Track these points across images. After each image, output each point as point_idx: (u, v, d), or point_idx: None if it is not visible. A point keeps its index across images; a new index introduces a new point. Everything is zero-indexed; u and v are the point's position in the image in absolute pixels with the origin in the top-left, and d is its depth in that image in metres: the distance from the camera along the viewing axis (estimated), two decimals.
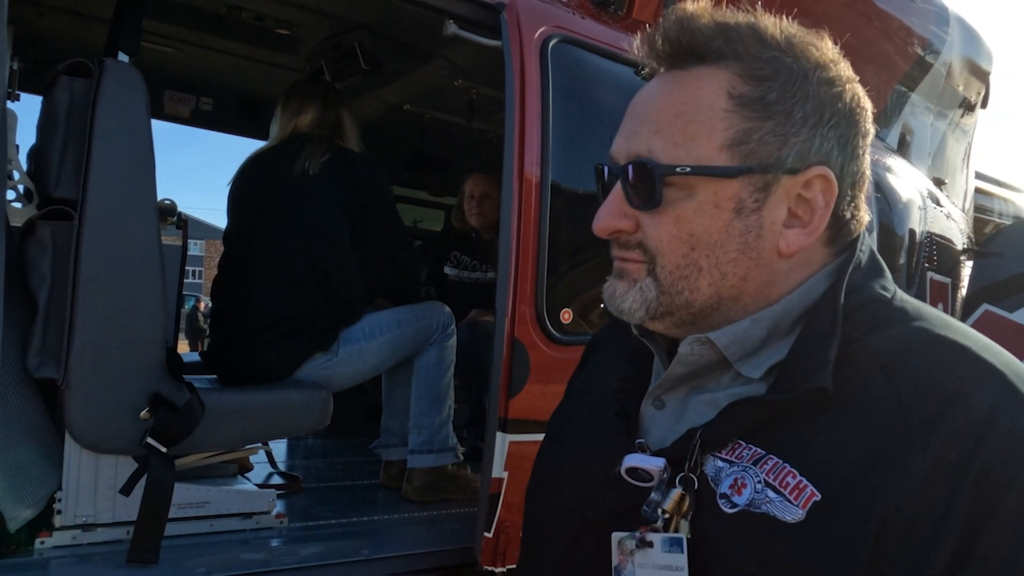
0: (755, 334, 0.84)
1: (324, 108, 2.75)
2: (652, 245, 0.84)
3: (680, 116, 0.83)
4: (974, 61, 4.80)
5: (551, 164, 2.27)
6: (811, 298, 0.85)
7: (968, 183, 5.37)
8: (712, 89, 0.82)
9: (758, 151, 0.81)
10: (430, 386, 2.77)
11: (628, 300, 0.86)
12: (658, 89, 0.86)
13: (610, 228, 0.86)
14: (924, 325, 0.81)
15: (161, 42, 3.19)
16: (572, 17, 2.60)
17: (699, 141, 0.81)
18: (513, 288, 2.20)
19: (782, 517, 0.73)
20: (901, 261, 3.76)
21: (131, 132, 2.05)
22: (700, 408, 0.87)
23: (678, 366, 0.87)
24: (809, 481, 0.73)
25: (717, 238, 0.83)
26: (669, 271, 0.84)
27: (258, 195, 2.63)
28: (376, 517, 2.56)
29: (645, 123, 0.85)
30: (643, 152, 0.83)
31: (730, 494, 0.77)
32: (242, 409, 2.29)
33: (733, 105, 0.81)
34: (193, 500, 2.18)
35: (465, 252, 3.95)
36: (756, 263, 0.84)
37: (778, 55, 0.82)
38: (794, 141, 0.81)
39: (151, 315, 2.04)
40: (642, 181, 0.83)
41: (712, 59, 0.83)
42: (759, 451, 0.78)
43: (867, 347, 0.79)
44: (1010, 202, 6.83)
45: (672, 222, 0.83)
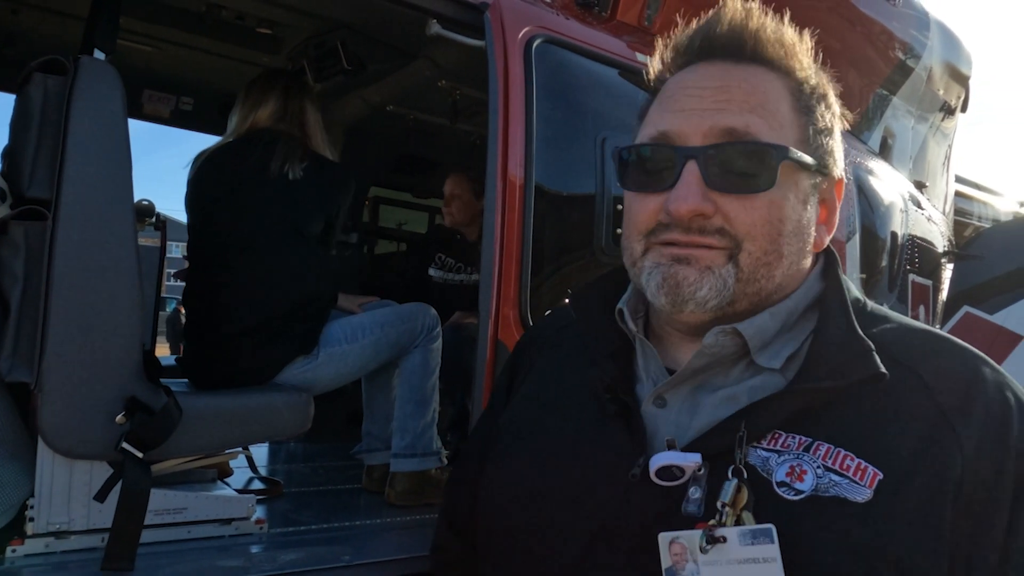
0: (772, 327, 0.88)
1: (286, 99, 2.64)
2: (741, 230, 0.84)
3: (768, 103, 0.87)
4: (954, 65, 4.85)
5: (535, 165, 2.25)
6: (812, 295, 0.91)
7: (948, 186, 5.43)
8: (778, 90, 0.89)
9: (817, 151, 0.90)
10: (414, 389, 2.74)
11: (704, 288, 0.84)
12: (725, 73, 0.89)
13: (697, 209, 0.84)
14: (902, 321, 0.91)
15: (140, 40, 3.15)
16: (556, 18, 2.59)
17: (786, 131, 0.87)
18: (497, 290, 2.18)
19: (852, 498, 0.76)
20: (883, 263, 3.78)
21: (107, 131, 2.01)
22: (717, 403, 0.87)
23: (699, 358, 0.87)
24: (868, 462, 0.78)
25: (796, 227, 0.88)
26: (756, 257, 0.85)
27: (230, 195, 2.52)
28: (358, 522, 2.52)
29: (731, 100, 0.86)
30: (739, 127, 0.84)
31: (790, 482, 0.79)
32: (220, 413, 2.25)
33: (794, 109, 0.89)
34: (170, 506, 2.13)
35: (450, 254, 3.94)
36: (803, 256, 0.91)
37: (815, 73, 0.93)
38: (830, 146, 0.92)
39: (127, 317, 2.00)
40: (749, 160, 0.84)
41: (769, 64, 0.90)
42: (805, 439, 0.81)
43: (874, 339, 0.85)
44: (989, 205, 6.92)
45: (765, 206, 0.85)
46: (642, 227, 0.89)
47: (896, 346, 0.85)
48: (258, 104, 2.63)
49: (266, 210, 2.49)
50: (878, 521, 0.76)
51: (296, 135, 2.61)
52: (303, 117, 2.65)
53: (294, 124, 2.63)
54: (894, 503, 0.76)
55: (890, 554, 0.75)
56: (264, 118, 2.62)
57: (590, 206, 2.46)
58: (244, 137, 2.63)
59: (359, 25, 2.97)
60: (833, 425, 0.81)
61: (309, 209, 2.53)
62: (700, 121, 0.85)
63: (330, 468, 3.29)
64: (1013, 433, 0.79)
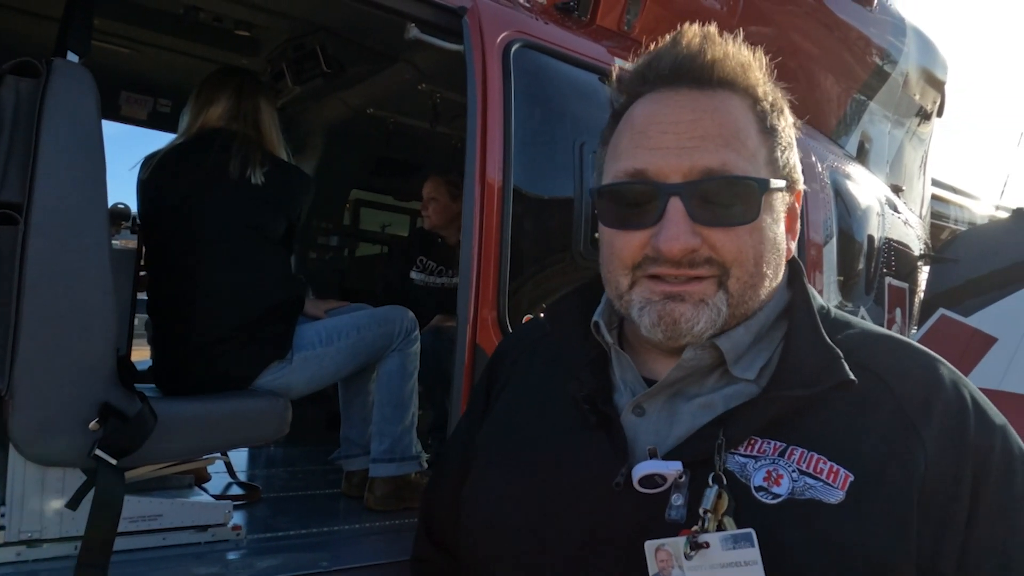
0: (746, 339, 0.91)
1: (238, 98, 2.56)
2: (728, 258, 0.88)
3: (739, 132, 0.90)
4: (930, 71, 4.92)
5: (513, 169, 2.25)
6: (781, 305, 0.95)
7: (925, 190, 5.50)
8: (743, 113, 0.92)
9: (782, 168, 0.94)
10: (393, 393, 2.72)
11: (702, 322, 0.88)
12: (692, 105, 0.90)
13: (690, 247, 0.87)
14: (865, 327, 0.95)
15: (116, 42, 3.12)
16: (535, 22, 2.60)
17: (757, 157, 0.91)
18: (475, 293, 2.18)
19: (827, 500, 0.80)
20: (860, 266, 3.82)
21: (80, 134, 1.98)
22: (695, 411, 0.90)
23: (677, 371, 0.90)
24: (840, 464, 0.81)
25: (774, 247, 0.92)
26: (744, 281, 0.89)
27: (188, 199, 2.45)
28: (336, 528, 2.51)
29: (706, 137, 0.88)
30: (715, 166, 0.87)
31: (767, 486, 0.82)
32: (196, 419, 2.23)
33: (759, 129, 0.92)
34: (145, 513, 2.11)
35: (431, 257, 3.94)
36: (780, 269, 0.95)
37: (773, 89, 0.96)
38: (793, 161, 0.96)
39: (100, 322, 1.98)
40: (730, 195, 0.87)
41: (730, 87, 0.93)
42: (779, 444, 0.84)
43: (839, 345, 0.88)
44: (966, 209, 7.01)
45: (748, 233, 0.88)
46: (628, 262, 0.91)
47: (860, 351, 0.89)
48: (209, 103, 2.56)
49: (228, 214, 2.44)
50: (851, 521, 0.79)
51: (251, 135, 2.53)
52: (257, 116, 2.57)
53: (248, 124, 2.54)
54: (865, 504, 0.80)
55: (864, 553, 0.78)
56: (215, 117, 2.54)
57: (568, 210, 2.46)
58: (196, 137, 2.55)
59: (338, 28, 2.96)
60: (806, 430, 0.84)
61: (272, 213, 2.50)
62: (678, 161, 0.87)
63: (310, 473, 3.27)
64: (970, 431, 0.84)
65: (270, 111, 2.65)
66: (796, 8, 3.85)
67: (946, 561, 0.81)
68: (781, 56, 3.72)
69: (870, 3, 4.25)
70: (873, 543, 0.78)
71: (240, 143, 2.48)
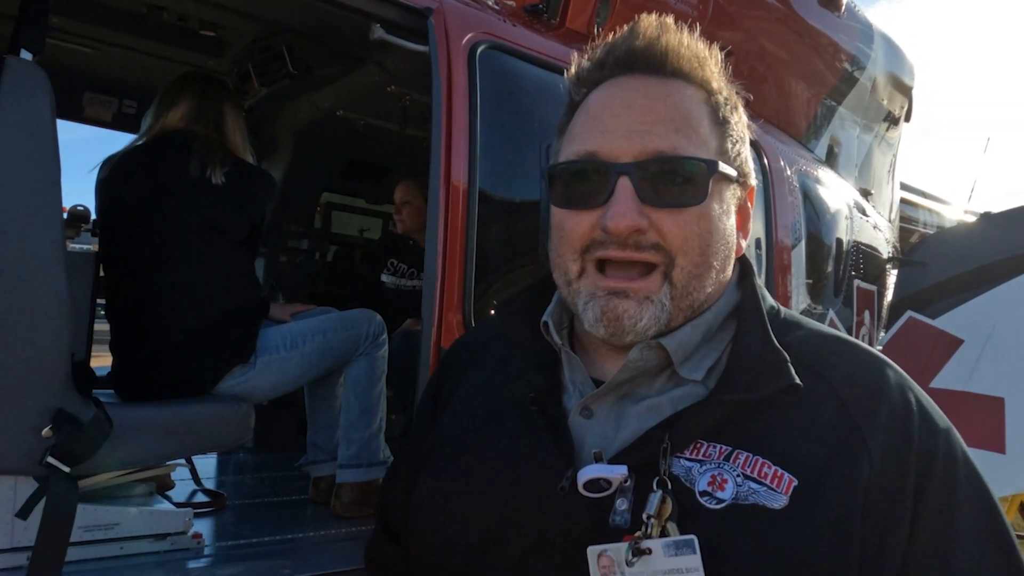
0: (694, 339, 0.90)
1: (200, 100, 2.55)
2: (674, 244, 0.86)
3: (691, 119, 0.89)
4: (897, 76, 4.99)
5: (479, 170, 2.24)
6: (731, 305, 0.93)
7: (894, 194, 5.57)
8: (696, 103, 0.91)
9: (734, 161, 0.92)
10: (360, 398, 2.69)
11: (644, 318, 0.87)
12: (647, 91, 0.90)
13: (635, 225, 0.86)
14: (814, 327, 0.94)
15: (78, 42, 3.06)
16: (502, 24, 2.58)
17: (709, 145, 0.90)
18: (440, 296, 2.16)
19: (770, 505, 0.79)
20: (829, 269, 3.86)
21: (33, 134, 1.93)
22: (642, 413, 0.88)
23: (624, 372, 0.88)
24: (784, 469, 0.80)
25: (722, 238, 0.90)
26: (688, 271, 0.87)
27: (148, 200, 2.42)
28: (301, 535, 2.47)
29: (657, 123, 0.87)
30: (666, 149, 0.86)
31: (711, 491, 0.81)
32: (154, 425, 2.18)
33: (711, 120, 0.91)
34: (101, 522, 2.06)
35: (402, 260, 3.91)
36: (728, 265, 0.93)
37: (727, 83, 0.96)
38: (743, 155, 0.95)
39: (53, 327, 1.92)
40: (679, 176, 0.86)
41: (685, 77, 0.92)
42: (725, 448, 0.83)
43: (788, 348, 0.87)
44: (934, 212, 7.12)
45: (695, 220, 0.87)
46: (576, 244, 0.90)
47: (808, 354, 0.88)
48: (171, 105, 2.55)
49: (188, 215, 2.41)
50: (794, 527, 0.78)
51: (212, 136, 2.51)
52: (220, 119, 2.57)
53: (209, 125, 2.53)
54: (809, 509, 0.78)
55: (806, 559, 0.77)
56: (176, 119, 2.52)
57: (534, 212, 2.45)
58: (156, 138, 2.53)
59: (304, 29, 2.93)
60: (752, 433, 0.83)
61: (233, 213, 2.47)
62: (629, 143, 0.86)
63: (277, 479, 3.23)
64: (914, 436, 0.82)
65: (234, 114, 2.63)
66: (765, 13, 3.88)
67: (888, 568, 0.79)
68: (751, 61, 3.76)
69: (839, 9, 4.30)
70: (815, 550, 0.77)
71: (200, 144, 2.46)
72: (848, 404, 0.83)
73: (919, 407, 0.85)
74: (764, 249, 3.26)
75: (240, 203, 2.48)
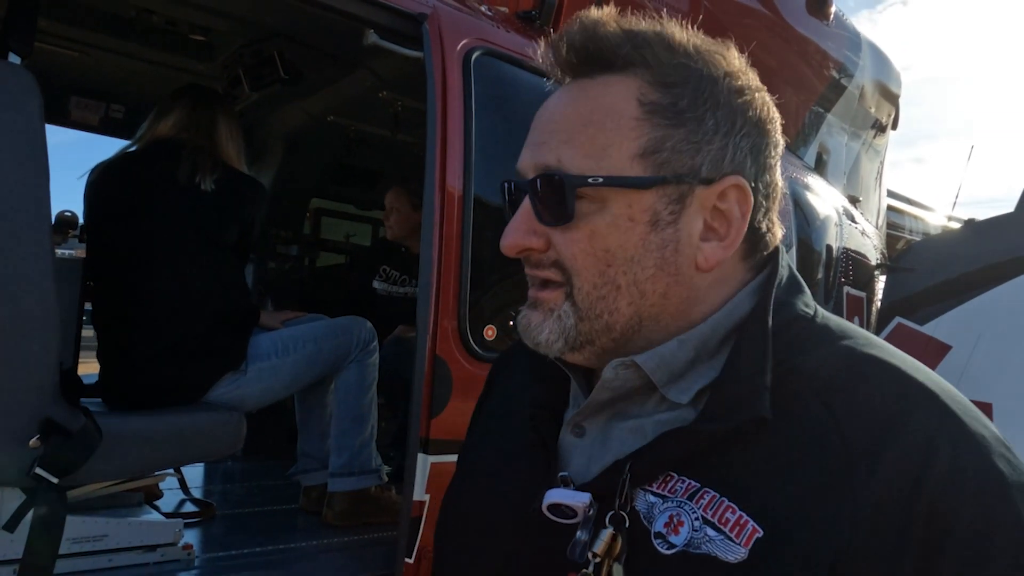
0: (682, 356, 0.79)
1: (192, 109, 2.55)
2: (568, 264, 0.78)
3: (590, 125, 0.78)
4: (884, 84, 5.04)
5: (474, 177, 2.23)
6: (737, 316, 0.81)
7: (881, 201, 5.62)
8: (622, 97, 0.78)
9: (672, 160, 0.77)
10: (351, 405, 2.67)
11: (545, 332, 0.80)
12: (565, 98, 0.81)
13: (519, 246, 0.80)
14: (850, 344, 0.77)
15: (65, 45, 3.03)
16: (496, 30, 2.58)
17: (610, 151, 0.77)
18: (435, 303, 2.14)
19: (724, 557, 0.68)
20: (819, 276, 3.88)
21: (20, 138, 1.90)
22: (624, 436, 0.80)
23: (602, 392, 0.80)
24: (750, 516, 0.68)
25: (633, 253, 0.78)
26: (587, 292, 0.78)
27: (137, 207, 2.40)
28: (293, 545, 2.44)
29: (553, 133, 0.80)
30: (552, 163, 0.78)
31: (666, 533, 0.71)
32: (144, 435, 2.15)
33: (644, 113, 0.77)
34: (90, 534, 2.03)
35: (394, 266, 3.89)
36: (675, 279, 0.79)
37: (687, 62, 0.79)
38: (707, 149, 0.78)
39: (41, 335, 1.89)
40: (552, 194, 0.77)
41: (620, 67, 0.79)
42: (694, 484, 0.73)
43: (798, 371, 0.75)
44: (920, 219, 7.19)
45: (585, 238, 0.77)
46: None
47: (825, 377, 0.74)
48: (162, 114, 2.55)
49: (177, 221, 2.39)
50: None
51: (203, 144, 2.51)
52: (213, 129, 2.56)
53: (201, 134, 2.52)
54: (767, 568, 0.67)
55: None
56: (167, 128, 2.52)
57: None
58: (147, 145, 2.53)
59: (296, 34, 2.91)
60: (726, 469, 0.72)
61: (222, 220, 2.45)
62: (531, 158, 0.81)
63: (268, 488, 3.19)
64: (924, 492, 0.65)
65: (229, 125, 2.62)
66: (755, 21, 3.91)
67: None
68: None
69: (827, 17, 4.34)
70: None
71: (190, 151, 2.45)
72: (848, 443, 0.68)
73: (952, 454, 0.66)
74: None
75: (229, 209, 2.46)
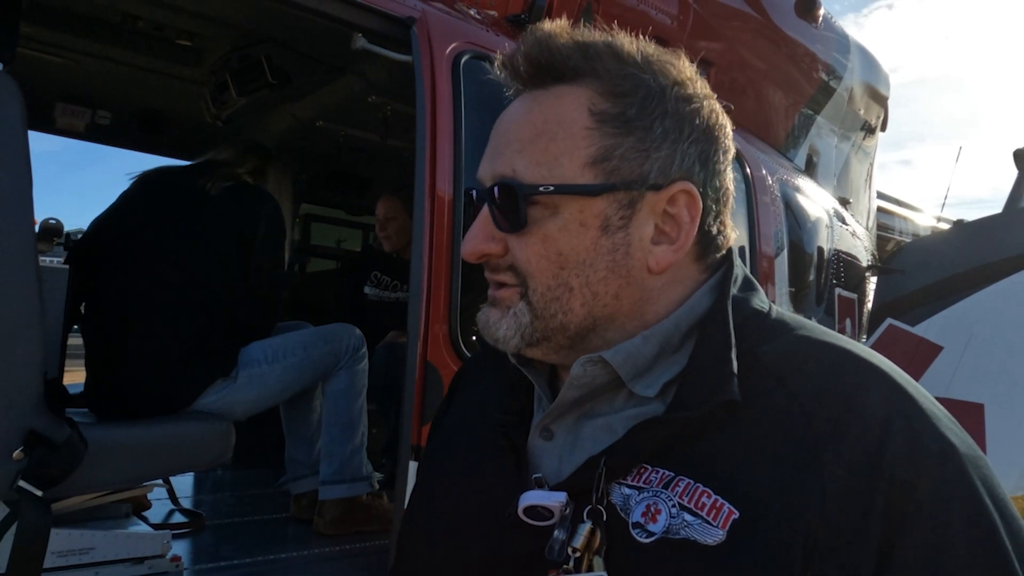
0: (647, 351, 0.82)
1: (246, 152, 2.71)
2: (522, 267, 0.82)
3: (542, 135, 0.82)
4: (873, 86, 5.06)
5: (463, 181, 2.21)
6: (698, 313, 0.84)
7: (871, 203, 5.64)
8: (573, 107, 0.82)
9: (621, 168, 0.81)
10: (341, 412, 2.64)
11: (503, 328, 0.83)
12: (519, 109, 0.85)
13: (478, 252, 0.84)
14: (805, 334, 0.83)
15: (50, 51, 2.99)
16: (486, 34, 2.57)
17: (562, 159, 0.81)
18: (426, 309, 2.12)
19: (703, 540, 0.70)
20: (811, 278, 3.88)
21: (3, 145, 1.88)
22: (595, 434, 0.83)
23: (571, 390, 0.83)
24: (725, 499, 0.71)
25: (585, 257, 0.81)
26: (541, 293, 0.82)
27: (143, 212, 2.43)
28: (283, 555, 2.41)
29: (508, 144, 0.83)
30: (507, 173, 0.82)
31: (644, 522, 0.73)
32: (132, 445, 2.11)
33: (594, 122, 0.81)
34: (75, 547, 1.99)
35: (385, 272, 3.87)
36: (627, 281, 0.83)
37: (636, 72, 0.82)
38: (656, 156, 0.81)
39: (26, 345, 1.86)
40: (507, 202, 0.81)
41: (571, 77, 0.83)
42: (668, 473, 0.75)
43: (759, 359, 0.79)
44: (910, 221, 7.22)
45: (539, 242, 0.81)
46: None
47: (782, 364, 0.78)
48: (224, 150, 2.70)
49: (177, 226, 2.38)
50: (726, 566, 0.69)
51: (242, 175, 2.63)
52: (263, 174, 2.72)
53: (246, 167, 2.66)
54: (745, 546, 0.69)
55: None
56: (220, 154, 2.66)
57: None
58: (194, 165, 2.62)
59: (284, 38, 2.89)
60: (697, 458, 0.75)
61: (221, 224, 2.43)
62: (490, 166, 0.84)
63: (258, 497, 3.16)
64: (885, 461, 0.69)
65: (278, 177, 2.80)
66: (744, 24, 3.92)
67: None
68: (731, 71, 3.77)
69: (815, 20, 4.35)
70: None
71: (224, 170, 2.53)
72: (812, 423, 0.72)
73: (907, 427, 0.71)
74: (747, 258, 3.27)
75: (229, 214, 2.44)
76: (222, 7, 2.69)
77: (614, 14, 3.00)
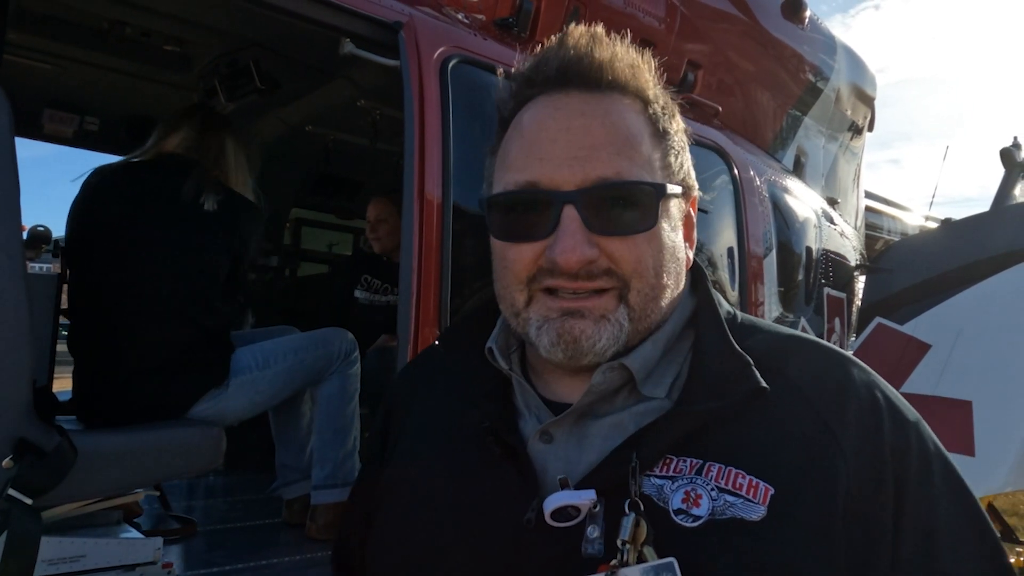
0: (655, 354, 0.86)
1: (202, 130, 2.53)
2: (627, 269, 0.82)
3: (631, 138, 0.86)
4: (860, 87, 5.09)
5: (452, 185, 2.22)
6: (687, 313, 0.91)
7: (859, 202, 5.67)
8: (635, 115, 0.88)
9: (675, 173, 0.90)
10: (333, 417, 2.64)
11: (603, 338, 0.82)
12: (587, 110, 0.85)
13: (586, 258, 0.81)
14: (775, 330, 0.93)
15: (37, 57, 2.99)
16: (473, 38, 2.58)
17: (652, 163, 0.87)
18: (416, 311, 2.12)
19: (748, 517, 0.75)
20: (800, 277, 3.90)
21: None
22: (605, 432, 0.84)
23: (588, 396, 0.84)
24: (759, 478, 0.76)
25: (671, 255, 0.88)
26: (644, 293, 0.84)
27: (128, 218, 2.36)
28: (276, 560, 2.41)
29: (598, 145, 0.83)
30: (610, 175, 0.82)
31: (686, 508, 0.77)
32: (122, 452, 2.10)
33: (652, 130, 0.88)
34: (66, 554, 1.98)
35: (376, 275, 3.87)
36: (681, 279, 0.91)
37: (656, 84, 0.92)
38: (686, 166, 0.92)
39: (13, 352, 1.85)
40: (629, 202, 0.83)
41: (623, 90, 0.88)
42: (696, 461, 0.79)
43: (751, 351, 0.85)
44: (898, 220, 7.27)
45: (646, 242, 0.84)
46: (522, 276, 0.85)
47: (770, 356, 0.85)
48: (170, 131, 2.52)
49: (170, 236, 2.36)
50: (774, 538, 0.74)
51: (210, 167, 2.49)
52: (222, 155, 2.54)
53: (209, 157, 2.51)
54: (787, 518, 0.75)
55: (788, 571, 0.74)
56: (174, 144, 2.50)
57: None
58: (152, 159, 2.50)
59: (272, 44, 2.89)
60: (722, 443, 0.80)
61: (216, 240, 2.41)
62: (571, 171, 0.82)
63: (250, 502, 3.15)
64: (884, 431, 0.80)
65: (237, 152, 2.61)
66: (731, 27, 3.94)
67: (878, 571, 0.76)
68: (719, 73, 3.77)
69: (802, 21, 4.38)
70: (798, 559, 0.74)
71: (198, 171, 2.44)
72: (816, 404, 0.81)
73: (886, 401, 0.83)
74: (736, 258, 3.29)
75: (225, 232, 2.42)
76: (210, 13, 2.69)
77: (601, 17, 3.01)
